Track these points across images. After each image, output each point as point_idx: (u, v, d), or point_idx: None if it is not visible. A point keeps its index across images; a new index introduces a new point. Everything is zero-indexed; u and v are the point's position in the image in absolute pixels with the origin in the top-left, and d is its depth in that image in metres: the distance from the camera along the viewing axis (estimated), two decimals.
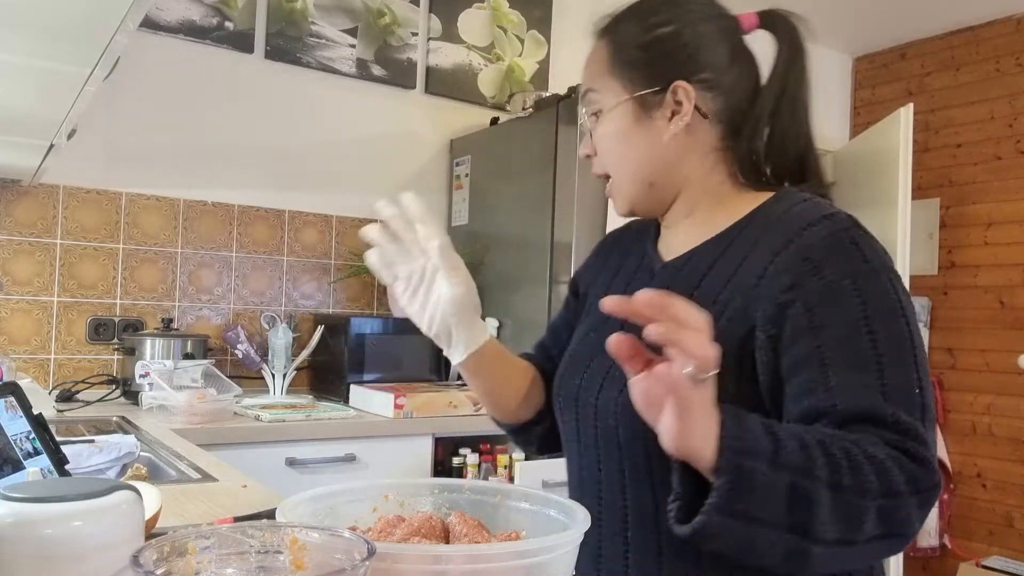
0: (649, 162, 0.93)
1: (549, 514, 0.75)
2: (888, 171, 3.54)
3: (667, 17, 0.93)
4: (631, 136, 0.92)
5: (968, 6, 3.68)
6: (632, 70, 0.92)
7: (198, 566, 0.53)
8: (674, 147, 0.92)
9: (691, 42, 0.92)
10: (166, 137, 2.59)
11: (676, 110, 0.91)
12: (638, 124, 0.92)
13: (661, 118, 0.91)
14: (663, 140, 0.91)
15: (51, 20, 1.01)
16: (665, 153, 0.92)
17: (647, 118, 0.92)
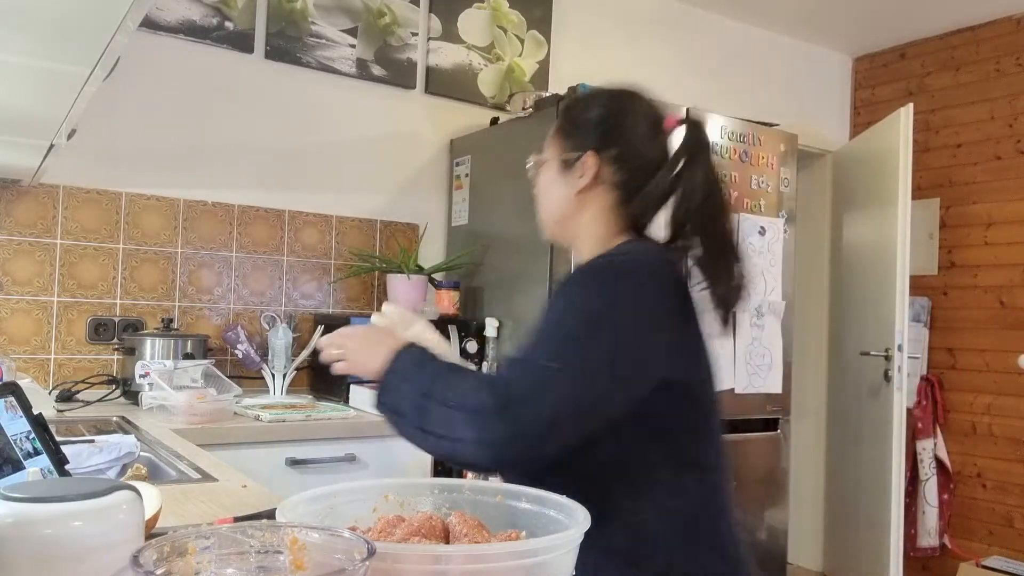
0: (559, 207, 1.21)
1: (549, 514, 0.75)
2: (888, 171, 3.55)
3: (603, 104, 1.20)
4: (552, 185, 1.22)
5: (968, 6, 3.68)
6: (565, 138, 1.21)
7: (198, 566, 0.53)
8: (576, 201, 1.19)
9: (612, 126, 1.18)
10: (166, 137, 2.59)
11: (583, 174, 1.17)
12: (559, 177, 1.20)
13: (573, 177, 1.18)
14: (570, 193, 1.19)
15: (51, 20, 1.01)
16: (570, 203, 1.20)
17: (565, 174, 1.20)
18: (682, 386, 1.08)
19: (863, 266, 3.78)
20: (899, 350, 3.40)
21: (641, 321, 1.05)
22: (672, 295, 1.12)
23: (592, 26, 3.49)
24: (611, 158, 1.17)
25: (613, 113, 1.19)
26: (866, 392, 3.65)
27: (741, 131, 2.85)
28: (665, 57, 3.70)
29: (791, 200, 2.97)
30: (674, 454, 1.08)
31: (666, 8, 3.72)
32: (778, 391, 2.88)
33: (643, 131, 1.18)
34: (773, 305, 2.87)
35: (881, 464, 3.44)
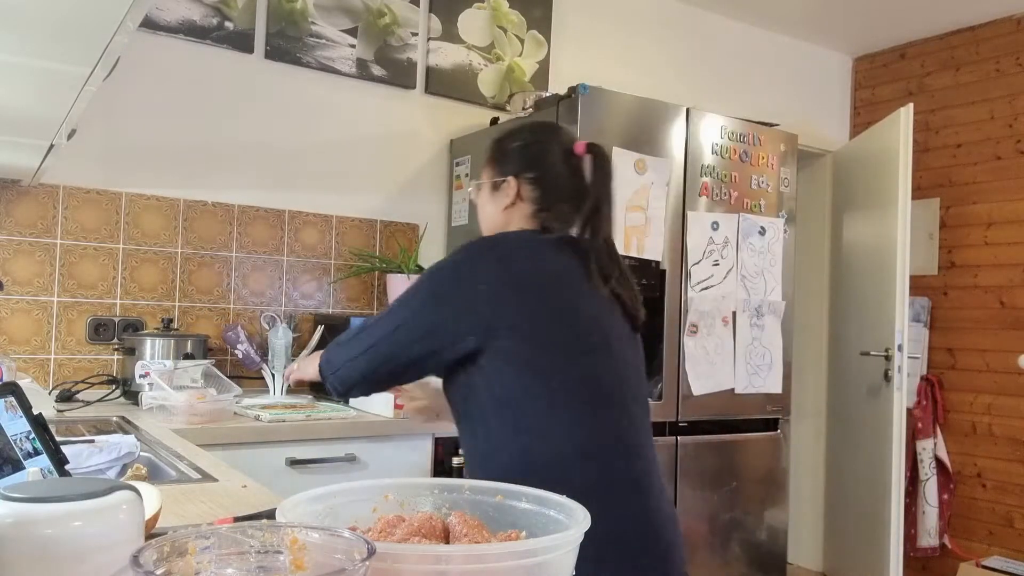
0: (492, 221, 1.50)
1: (549, 514, 0.75)
2: (888, 171, 3.55)
3: (523, 137, 1.52)
4: (486, 204, 1.52)
5: (968, 6, 3.68)
6: (494, 165, 1.51)
7: (198, 566, 0.53)
8: (504, 215, 1.48)
9: (528, 155, 1.48)
10: (166, 137, 2.59)
11: (508, 193, 1.46)
12: (491, 197, 1.50)
13: (501, 196, 1.48)
14: (500, 210, 1.48)
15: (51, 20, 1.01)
16: (499, 217, 1.49)
17: (495, 194, 1.50)
18: (496, 347, 1.30)
19: (863, 266, 3.78)
20: (899, 350, 3.40)
21: (427, 302, 1.35)
22: (494, 273, 1.33)
23: (592, 26, 3.49)
24: (529, 180, 1.46)
25: (531, 143, 1.50)
26: (866, 392, 3.65)
27: (741, 131, 2.85)
28: (665, 57, 3.70)
29: (791, 200, 2.97)
30: (505, 402, 1.31)
31: (666, 8, 3.72)
32: (778, 391, 2.88)
33: (556, 157, 1.47)
34: (773, 305, 2.88)
35: (881, 464, 3.44)
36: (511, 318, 1.30)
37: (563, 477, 1.26)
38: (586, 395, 1.32)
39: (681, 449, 2.66)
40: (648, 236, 2.60)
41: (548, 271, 1.36)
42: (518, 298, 1.31)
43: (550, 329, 1.32)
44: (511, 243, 1.39)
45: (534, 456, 1.29)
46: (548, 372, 1.30)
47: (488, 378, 1.31)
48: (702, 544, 2.71)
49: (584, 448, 1.30)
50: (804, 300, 3.91)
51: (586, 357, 1.33)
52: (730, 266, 2.78)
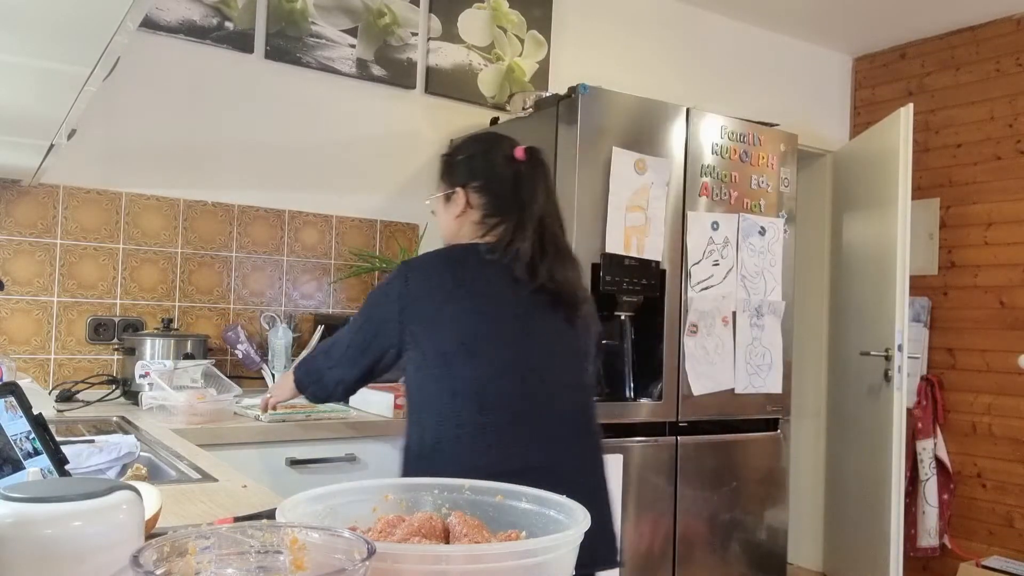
0: (447, 229, 1.69)
1: (549, 514, 0.75)
2: (888, 171, 3.55)
3: (467, 149, 1.70)
4: (441, 215, 1.70)
5: (968, 6, 3.68)
6: (444, 178, 1.70)
7: (198, 566, 0.53)
8: (456, 222, 1.65)
9: (473, 165, 1.65)
10: (166, 137, 2.59)
11: (458, 203, 1.64)
12: (444, 207, 1.68)
13: (452, 206, 1.66)
14: (453, 218, 1.66)
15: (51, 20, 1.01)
16: (453, 225, 1.66)
17: (448, 205, 1.67)
18: (421, 346, 1.53)
19: (863, 266, 3.78)
20: (899, 350, 3.40)
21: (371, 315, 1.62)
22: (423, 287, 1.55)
23: (592, 26, 3.49)
24: (476, 188, 1.63)
25: (475, 155, 1.67)
26: (866, 392, 3.65)
27: (741, 131, 2.85)
28: (665, 57, 3.70)
29: (791, 200, 2.97)
30: (425, 387, 1.54)
31: (666, 8, 3.72)
32: (778, 391, 2.88)
33: (499, 165, 1.62)
34: (773, 305, 2.88)
35: (881, 464, 3.44)
36: (413, 330, 1.54)
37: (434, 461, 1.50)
38: (461, 397, 1.50)
39: (681, 449, 2.66)
40: (648, 236, 2.60)
41: (446, 288, 1.54)
42: (417, 314, 1.54)
43: (438, 338, 1.53)
44: (420, 265, 1.60)
45: (422, 443, 1.53)
46: (436, 375, 1.52)
47: (407, 378, 1.60)
48: (702, 544, 2.71)
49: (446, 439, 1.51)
50: (804, 300, 3.91)
51: (469, 360, 1.52)
52: (730, 266, 2.78)
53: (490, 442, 1.48)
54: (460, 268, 1.56)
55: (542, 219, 1.59)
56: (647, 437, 2.59)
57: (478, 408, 1.48)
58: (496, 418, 1.49)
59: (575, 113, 2.49)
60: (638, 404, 2.61)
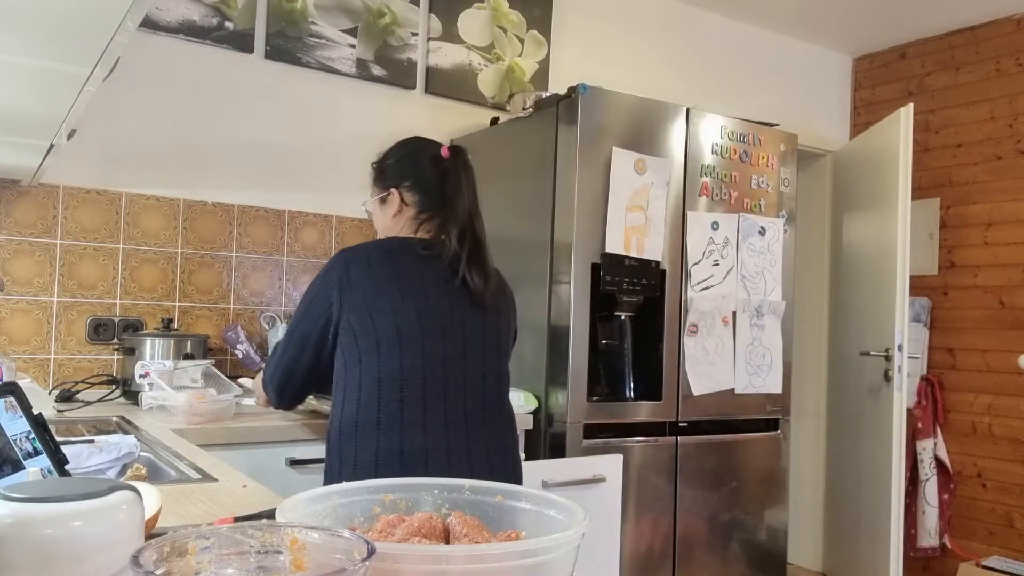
0: (386, 228, 1.80)
1: (549, 514, 0.75)
2: (888, 171, 3.55)
3: (396, 152, 1.83)
4: (378, 215, 1.83)
5: (968, 6, 3.68)
6: (376, 182, 1.84)
7: (198, 566, 0.53)
8: (393, 221, 1.77)
9: (403, 167, 1.78)
10: (166, 137, 2.59)
11: (392, 203, 1.76)
12: (380, 209, 1.81)
13: (388, 207, 1.78)
14: (389, 218, 1.78)
15: (51, 20, 1.01)
16: (390, 224, 1.78)
17: (384, 206, 1.80)
18: (353, 332, 1.59)
19: (863, 266, 3.78)
20: (899, 350, 3.40)
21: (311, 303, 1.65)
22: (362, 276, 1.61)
23: (592, 26, 3.49)
24: (407, 188, 1.75)
25: (403, 157, 1.80)
26: (866, 392, 3.65)
27: (741, 131, 2.85)
28: (665, 57, 3.70)
29: (791, 200, 2.97)
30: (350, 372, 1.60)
31: (666, 8, 3.72)
32: (778, 391, 2.88)
33: (426, 164, 1.75)
34: (773, 305, 2.88)
35: (881, 464, 3.44)
36: (349, 317, 1.59)
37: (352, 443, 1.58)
38: (386, 384, 1.58)
39: (681, 449, 2.66)
40: (648, 236, 2.60)
41: (384, 278, 1.61)
42: (354, 301, 1.60)
43: (372, 327, 1.59)
44: (359, 253, 1.65)
45: (342, 425, 1.60)
46: (363, 361, 1.58)
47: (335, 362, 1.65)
48: (702, 544, 2.71)
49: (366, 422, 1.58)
50: (804, 300, 3.91)
51: (397, 350, 1.59)
52: (730, 266, 2.78)
53: (404, 426, 1.57)
54: (396, 259, 1.64)
55: (469, 215, 1.71)
56: (647, 437, 2.59)
57: (399, 396, 1.57)
58: (412, 405, 1.57)
59: (575, 113, 2.49)
60: (638, 404, 2.61)
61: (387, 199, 1.78)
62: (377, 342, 1.57)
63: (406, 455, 1.55)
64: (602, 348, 2.61)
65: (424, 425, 1.57)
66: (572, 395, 2.43)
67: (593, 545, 2.27)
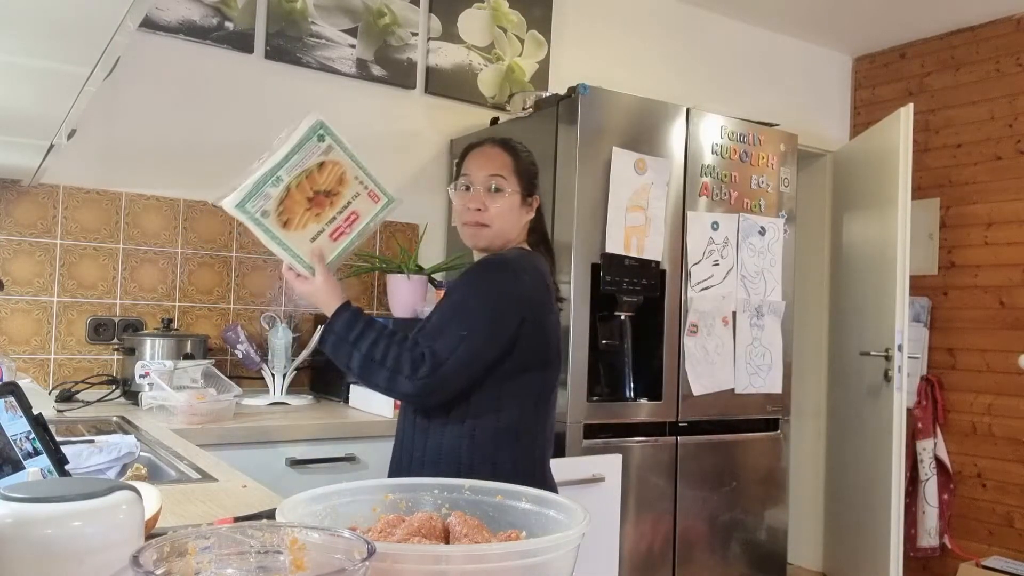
0: (513, 229, 1.68)
1: (549, 514, 0.75)
2: (888, 171, 3.55)
3: (533, 158, 1.74)
4: (510, 212, 1.66)
5: (968, 6, 3.68)
6: (524, 178, 1.68)
7: (198, 566, 0.53)
8: (521, 225, 1.70)
9: (536, 173, 1.73)
10: (166, 137, 2.59)
11: (530, 208, 1.70)
12: (519, 207, 1.68)
13: (526, 210, 1.69)
14: (523, 222, 1.70)
15: (51, 20, 1.01)
16: (518, 226, 1.69)
17: (523, 206, 1.68)
18: (522, 350, 1.56)
19: (863, 266, 3.78)
20: (899, 350, 3.40)
21: (496, 314, 1.55)
22: (527, 283, 1.59)
23: (592, 26, 3.49)
24: (538, 199, 1.73)
25: (535, 164, 1.74)
26: (866, 392, 3.65)
27: (741, 131, 2.85)
28: (665, 57, 3.70)
29: (791, 200, 2.97)
30: (505, 388, 1.58)
31: (666, 8, 3.72)
32: (778, 391, 2.88)
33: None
34: (773, 305, 2.88)
35: (881, 464, 3.44)
36: (526, 332, 1.56)
37: (509, 450, 1.58)
38: (543, 402, 1.65)
39: (681, 449, 2.66)
40: (648, 236, 2.60)
41: (548, 294, 1.64)
42: (533, 317, 1.58)
43: (542, 344, 1.61)
44: (531, 268, 1.62)
45: (499, 431, 1.58)
46: (524, 379, 1.60)
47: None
48: (702, 544, 2.71)
49: (523, 430, 1.61)
50: (804, 300, 3.91)
51: (549, 367, 1.64)
52: (730, 266, 2.78)
53: (548, 439, 1.67)
54: (548, 276, 1.68)
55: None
56: (647, 437, 2.59)
57: (548, 413, 1.66)
58: (549, 418, 1.67)
59: (575, 113, 2.49)
60: (638, 404, 2.61)
61: (527, 201, 1.69)
62: (543, 361, 1.61)
63: (546, 465, 1.66)
64: (602, 348, 2.61)
65: (549, 439, 1.67)
66: (572, 395, 2.43)
67: (593, 545, 2.27)
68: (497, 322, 1.52)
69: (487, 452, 1.54)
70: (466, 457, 1.54)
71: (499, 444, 1.55)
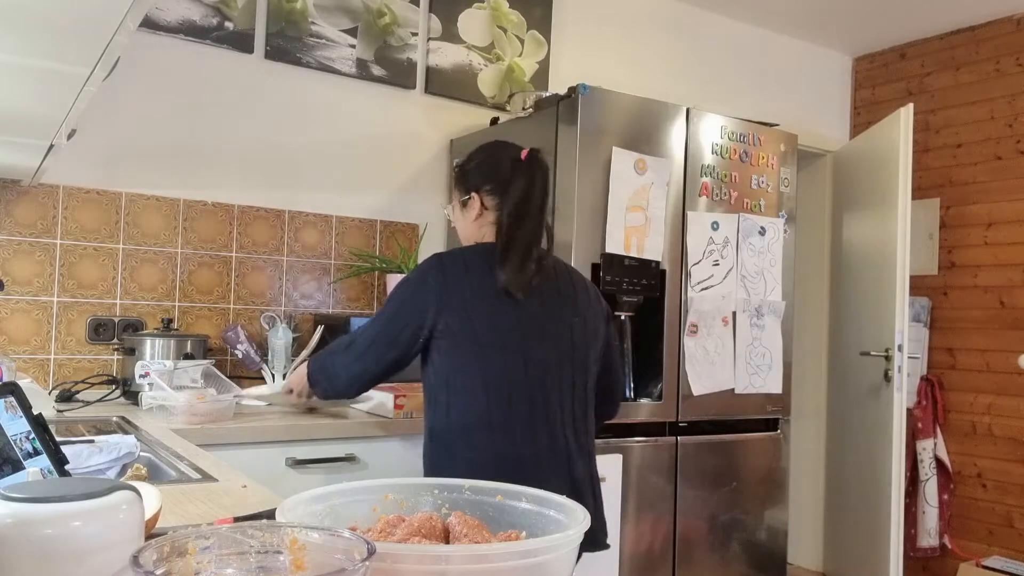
0: (467, 233, 1.79)
1: (549, 514, 0.75)
2: (888, 171, 3.55)
3: (477, 156, 1.79)
4: (459, 220, 1.81)
5: (968, 6, 3.68)
6: (459, 186, 1.79)
7: (198, 566, 0.53)
8: (474, 225, 1.76)
9: (484, 170, 1.75)
10: (166, 137, 2.59)
11: (473, 207, 1.74)
12: (462, 213, 1.79)
13: (469, 211, 1.76)
14: (471, 222, 1.76)
15: (51, 20, 1.01)
16: (471, 228, 1.76)
17: (465, 211, 1.77)
18: (455, 336, 1.62)
19: (863, 266, 3.78)
20: (899, 350, 3.40)
21: (403, 304, 1.67)
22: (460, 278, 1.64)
23: (592, 26, 3.49)
24: (488, 191, 1.73)
25: (484, 160, 1.77)
26: (866, 392, 3.65)
27: (741, 131, 2.85)
28: (665, 57, 3.70)
29: (791, 200, 2.97)
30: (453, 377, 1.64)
31: (666, 8, 3.72)
32: (778, 391, 2.88)
33: (506, 167, 1.72)
34: (773, 305, 2.88)
35: (881, 464, 3.44)
36: (448, 320, 1.61)
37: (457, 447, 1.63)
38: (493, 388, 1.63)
39: (681, 449, 2.66)
40: (648, 236, 2.60)
41: (481, 281, 1.64)
42: (454, 304, 1.62)
43: (474, 330, 1.63)
44: (455, 257, 1.69)
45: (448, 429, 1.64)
46: (467, 366, 1.62)
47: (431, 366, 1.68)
48: (702, 544, 2.71)
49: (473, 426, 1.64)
50: (804, 300, 3.91)
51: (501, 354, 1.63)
52: (730, 266, 2.78)
53: (513, 431, 1.62)
54: (490, 263, 1.66)
55: (544, 219, 1.73)
56: (647, 437, 2.59)
57: (507, 401, 1.61)
58: (520, 410, 1.63)
59: (575, 113, 2.49)
60: (638, 404, 2.61)
61: (468, 203, 1.76)
62: (483, 346, 1.61)
63: (519, 460, 1.62)
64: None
65: (527, 429, 1.62)
66: None
67: None
68: (390, 322, 1.67)
69: (443, 442, 1.64)
70: (429, 454, 1.68)
71: (456, 439, 1.62)
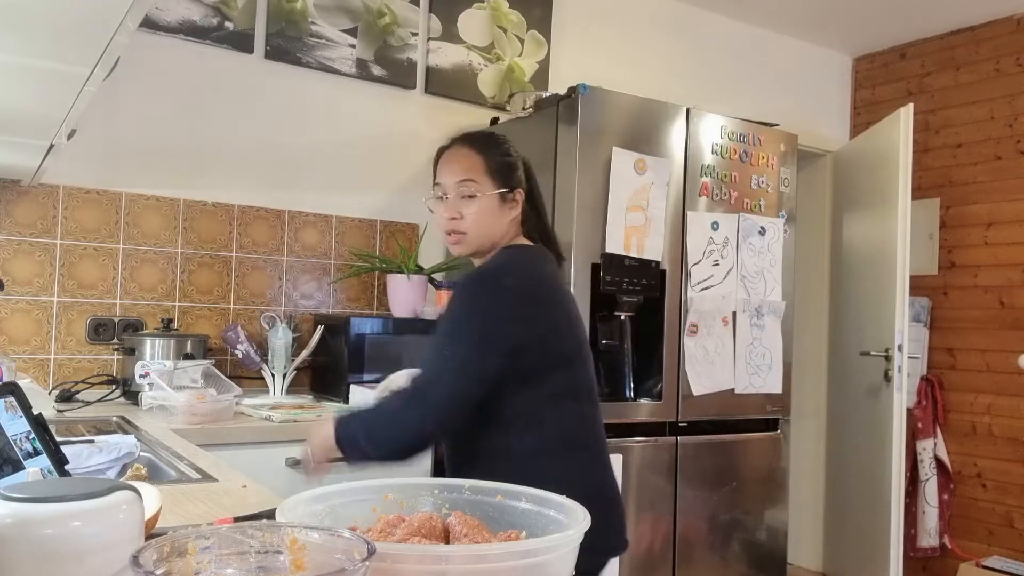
0: (497, 229, 1.56)
1: (549, 514, 0.75)
2: (888, 171, 3.55)
3: (509, 148, 1.60)
4: (490, 214, 1.54)
5: (968, 6, 3.68)
6: (499, 175, 1.55)
7: (198, 566, 0.53)
8: (508, 226, 1.57)
9: (518, 165, 1.60)
10: (166, 137, 2.59)
11: (514, 204, 1.57)
12: (499, 208, 1.55)
13: (508, 208, 1.56)
14: (507, 221, 1.56)
15: (51, 20, 1.01)
16: (502, 225, 1.56)
17: (503, 205, 1.56)
18: (542, 350, 1.47)
19: (863, 266, 3.78)
20: (899, 350, 3.40)
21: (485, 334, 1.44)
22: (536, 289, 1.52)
23: (592, 26, 3.49)
24: (524, 192, 1.59)
25: (517, 156, 1.61)
26: (866, 392, 3.65)
27: (741, 131, 2.85)
28: (665, 57, 3.70)
29: (791, 200, 2.97)
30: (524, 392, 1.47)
31: (666, 8, 3.72)
32: (778, 391, 2.88)
33: (523, 167, 1.61)
34: (773, 305, 2.88)
35: (881, 464, 3.44)
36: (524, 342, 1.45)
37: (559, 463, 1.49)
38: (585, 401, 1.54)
39: (681, 449, 2.66)
40: (648, 236, 2.60)
41: (553, 289, 1.55)
42: (540, 316, 1.49)
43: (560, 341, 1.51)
44: (522, 266, 1.54)
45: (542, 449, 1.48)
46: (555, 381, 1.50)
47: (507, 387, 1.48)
48: (702, 544, 2.71)
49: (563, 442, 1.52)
50: (804, 300, 3.91)
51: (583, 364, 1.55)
52: (730, 266, 2.78)
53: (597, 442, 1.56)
54: (552, 270, 1.58)
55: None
56: (647, 437, 2.59)
57: (593, 408, 1.55)
58: (594, 420, 1.56)
59: (575, 113, 2.49)
60: (638, 404, 2.61)
61: (508, 198, 1.55)
62: (570, 359, 1.50)
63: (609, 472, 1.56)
64: (602, 348, 2.61)
65: (599, 438, 1.56)
66: None
67: None
68: (484, 341, 1.43)
69: (532, 471, 1.39)
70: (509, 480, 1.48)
71: (544, 460, 1.44)
